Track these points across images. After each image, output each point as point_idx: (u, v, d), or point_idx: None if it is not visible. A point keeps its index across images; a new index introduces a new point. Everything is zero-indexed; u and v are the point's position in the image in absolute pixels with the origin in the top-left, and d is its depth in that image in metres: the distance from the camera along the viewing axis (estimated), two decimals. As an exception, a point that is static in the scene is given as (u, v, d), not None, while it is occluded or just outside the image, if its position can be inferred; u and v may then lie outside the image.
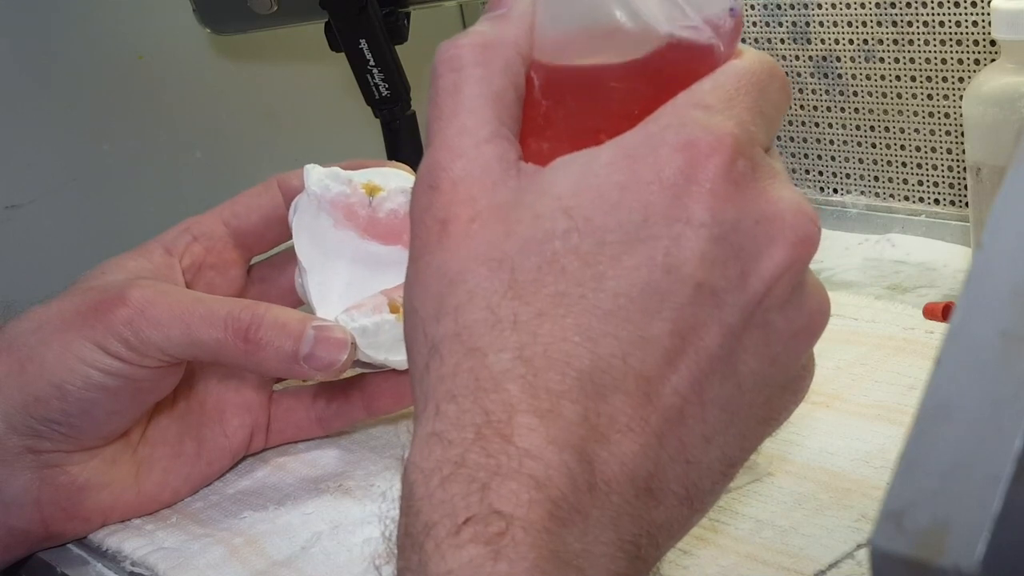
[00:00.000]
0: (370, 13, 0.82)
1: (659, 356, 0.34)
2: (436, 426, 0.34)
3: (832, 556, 0.50)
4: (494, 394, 0.33)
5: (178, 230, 0.63)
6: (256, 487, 0.62)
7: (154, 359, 0.55)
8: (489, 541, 0.32)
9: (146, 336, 0.55)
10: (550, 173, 0.36)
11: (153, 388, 0.57)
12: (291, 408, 0.64)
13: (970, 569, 0.27)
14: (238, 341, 0.55)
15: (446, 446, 0.33)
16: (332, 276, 0.61)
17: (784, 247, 0.36)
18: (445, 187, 0.36)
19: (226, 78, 0.99)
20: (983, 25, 0.79)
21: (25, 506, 0.57)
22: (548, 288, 0.34)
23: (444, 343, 0.35)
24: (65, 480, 0.57)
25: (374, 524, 0.57)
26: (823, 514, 0.52)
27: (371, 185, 0.62)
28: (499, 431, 0.33)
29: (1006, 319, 0.30)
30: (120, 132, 0.94)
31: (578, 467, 0.33)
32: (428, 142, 0.38)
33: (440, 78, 0.38)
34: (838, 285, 0.78)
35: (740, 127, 0.36)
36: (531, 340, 0.34)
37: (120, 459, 0.59)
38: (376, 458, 0.63)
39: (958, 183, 0.84)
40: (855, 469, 0.55)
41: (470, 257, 0.35)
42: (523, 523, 0.32)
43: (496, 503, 0.32)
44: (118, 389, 0.55)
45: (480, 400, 0.33)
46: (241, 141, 1.00)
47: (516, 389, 0.33)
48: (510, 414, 0.33)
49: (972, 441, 0.29)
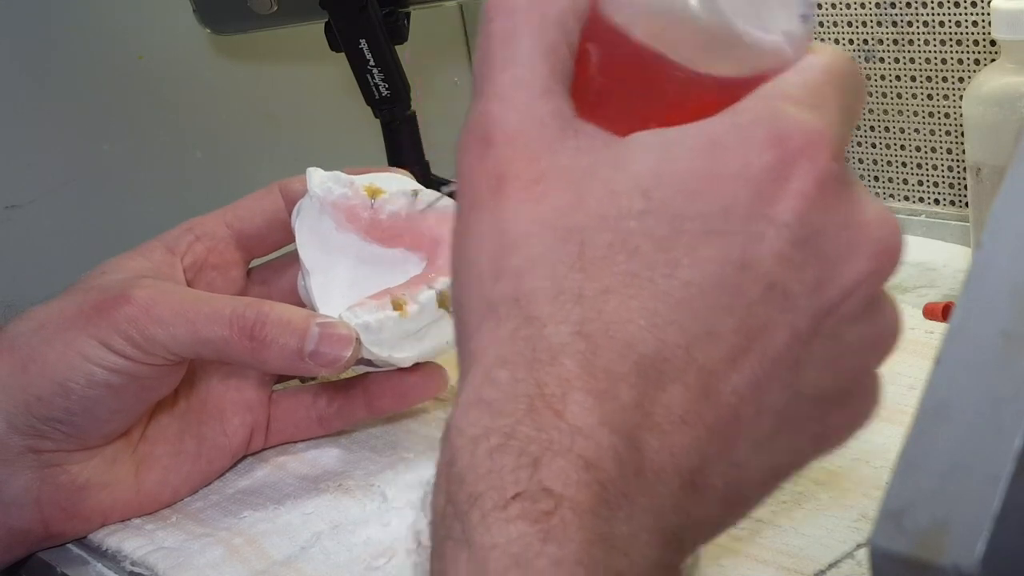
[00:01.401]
0: (370, 13, 0.82)
1: (723, 353, 0.34)
2: (485, 392, 0.33)
3: (832, 556, 0.50)
4: (550, 367, 0.33)
5: (180, 230, 0.63)
6: (256, 487, 0.62)
7: (159, 357, 0.55)
8: (537, 519, 0.31)
9: (151, 334, 0.55)
10: (627, 148, 0.35)
11: (156, 386, 0.57)
12: (291, 407, 0.64)
13: (970, 568, 0.28)
14: (243, 339, 0.55)
15: (495, 414, 0.32)
16: (335, 277, 0.62)
17: (866, 258, 0.35)
18: (499, 140, 0.35)
19: (226, 78, 0.99)
20: (983, 25, 0.79)
21: (25, 506, 0.56)
22: (618, 267, 0.33)
23: (502, 305, 0.34)
24: (65, 480, 0.57)
25: (374, 524, 0.57)
26: (823, 514, 0.52)
27: (373, 188, 0.62)
28: (551, 406, 0.32)
29: (1006, 319, 0.30)
30: (120, 132, 0.94)
31: (627, 452, 0.32)
32: (478, 90, 0.36)
33: (492, 22, 0.36)
34: (838, 285, 0.78)
35: (831, 127, 0.35)
36: (594, 316, 0.33)
37: (120, 458, 0.59)
38: (376, 458, 0.63)
39: (958, 183, 0.84)
40: (855, 469, 0.55)
41: (535, 221, 0.34)
42: (571, 504, 0.31)
43: (546, 480, 0.31)
44: (122, 387, 0.55)
45: (535, 371, 0.33)
46: (241, 141, 1.00)
47: (573, 365, 0.33)
48: (565, 390, 0.32)
49: (972, 441, 0.29)
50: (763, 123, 0.34)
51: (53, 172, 0.91)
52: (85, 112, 0.92)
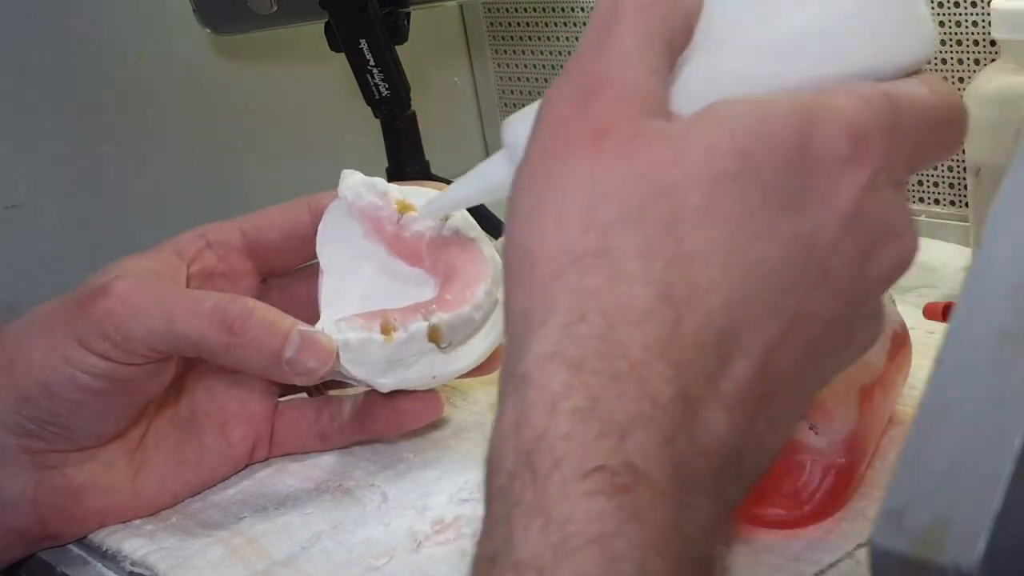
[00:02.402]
0: (370, 13, 0.82)
1: (780, 332, 0.34)
2: (563, 346, 0.32)
3: (832, 556, 0.50)
4: (636, 329, 0.32)
5: (193, 234, 0.62)
6: (256, 487, 0.62)
7: (138, 355, 0.54)
8: (615, 494, 0.30)
9: (127, 329, 0.53)
10: (725, 107, 0.35)
11: (142, 387, 0.56)
12: (295, 421, 0.63)
13: (970, 567, 0.28)
14: (222, 334, 0.53)
15: (575, 371, 0.32)
16: (352, 283, 0.60)
17: (894, 262, 0.37)
18: (607, 97, 0.35)
19: (226, 78, 0.99)
20: (983, 25, 0.79)
21: (23, 506, 0.56)
22: (706, 231, 0.34)
23: (588, 257, 0.33)
24: (62, 482, 0.57)
25: (374, 524, 0.57)
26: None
27: (404, 203, 0.60)
28: (637, 372, 0.32)
29: (1006, 319, 0.30)
30: (120, 132, 0.94)
31: (698, 430, 0.32)
32: (593, 44, 0.36)
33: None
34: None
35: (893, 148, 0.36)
36: (680, 282, 0.33)
37: (117, 462, 0.59)
38: (376, 458, 0.63)
39: (958, 183, 0.84)
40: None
41: (630, 176, 0.34)
42: (649, 481, 0.31)
43: (631, 454, 0.31)
44: (105, 390, 0.55)
45: (619, 331, 0.32)
46: (241, 141, 1.00)
47: (659, 331, 0.32)
48: (649, 357, 0.32)
49: (972, 440, 0.29)
50: (848, 113, 0.35)
51: (53, 172, 0.90)
52: (85, 112, 0.92)
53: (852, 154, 0.35)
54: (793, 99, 0.35)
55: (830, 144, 0.35)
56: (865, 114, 0.35)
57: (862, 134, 0.35)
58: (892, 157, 0.36)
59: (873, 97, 0.36)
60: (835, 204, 0.35)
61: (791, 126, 0.34)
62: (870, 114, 0.36)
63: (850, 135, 0.35)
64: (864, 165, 0.35)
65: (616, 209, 0.33)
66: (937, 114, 0.38)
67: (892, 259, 0.37)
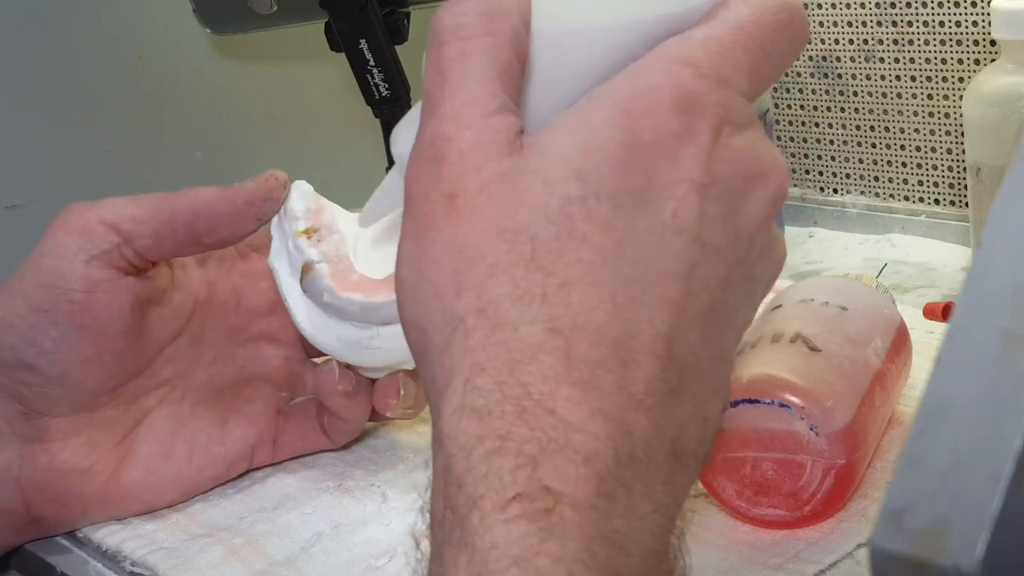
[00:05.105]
0: (370, 13, 0.82)
1: (677, 316, 0.35)
2: (468, 399, 0.33)
3: (832, 556, 0.50)
4: (531, 366, 0.33)
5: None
6: (256, 487, 0.62)
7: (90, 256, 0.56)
8: (536, 518, 0.31)
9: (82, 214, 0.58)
10: (551, 134, 0.36)
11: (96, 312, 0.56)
12: (301, 420, 0.63)
13: (970, 568, 0.27)
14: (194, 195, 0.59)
15: (484, 418, 0.33)
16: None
17: (766, 203, 0.37)
18: (452, 158, 0.36)
19: (226, 78, 0.99)
20: (983, 25, 0.79)
21: (7, 483, 0.57)
22: (570, 256, 0.34)
23: (468, 317, 0.34)
24: (45, 460, 0.57)
25: (374, 524, 0.57)
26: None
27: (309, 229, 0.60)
28: (541, 403, 0.33)
29: (1006, 319, 0.30)
30: (120, 132, 0.94)
31: (620, 439, 0.33)
32: (429, 111, 0.36)
33: (444, 46, 0.36)
34: (838, 285, 0.78)
35: (727, 96, 0.36)
36: (561, 312, 0.34)
37: (102, 444, 0.58)
38: (376, 458, 0.63)
39: (958, 183, 0.84)
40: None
41: (484, 231, 0.35)
42: (571, 500, 0.32)
43: (546, 478, 0.32)
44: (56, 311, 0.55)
45: (516, 373, 0.33)
46: (241, 141, 1.00)
47: (553, 361, 0.33)
48: (551, 386, 0.33)
49: (972, 440, 0.29)
50: (665, 91, 0.35)
51: (53, 172, 0.90)
52: (85, 112, 0.92)
53: (683, 126, 0.35)
54: (609, 96, 0.36)
55: (658, 127, 0.35)
56: (684, 81, 0.35)
57: (687, 102, 0.35)
58: (730, 103, 0.36)
59: (691, 55, 0.36)
60: (685, 178, 0.35)
61: (615, 128, 0.35)
62: (690, 78, 0.35)
63: (675, 109, 0.35)
64: (699, 130, 0.35)
65: (482, 267, 0.35)
66: (766, 25, 0.37)
67: (764, 200, 0.37)
